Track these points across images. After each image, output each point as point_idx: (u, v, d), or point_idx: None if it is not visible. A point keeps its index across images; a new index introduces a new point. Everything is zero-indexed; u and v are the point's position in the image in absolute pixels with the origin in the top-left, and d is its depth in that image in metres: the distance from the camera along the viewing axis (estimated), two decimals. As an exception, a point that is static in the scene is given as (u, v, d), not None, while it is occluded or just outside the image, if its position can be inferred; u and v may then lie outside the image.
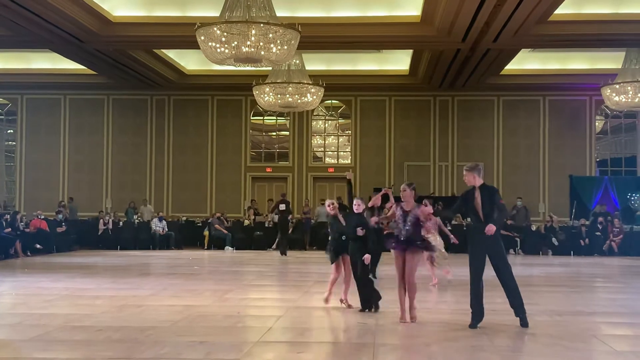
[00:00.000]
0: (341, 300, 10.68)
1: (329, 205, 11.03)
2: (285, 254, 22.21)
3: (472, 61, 23.11)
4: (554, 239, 24.31)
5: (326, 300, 10.76)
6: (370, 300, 10.28)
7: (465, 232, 19.28)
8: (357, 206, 10.59)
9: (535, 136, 28.31)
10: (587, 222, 24.87)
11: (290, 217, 24.46)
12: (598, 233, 24.35)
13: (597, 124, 28.74)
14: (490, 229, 8.93)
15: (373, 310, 10.24)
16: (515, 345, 8.02)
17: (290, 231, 24.71)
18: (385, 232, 11.35)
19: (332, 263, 10.77)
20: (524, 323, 9.06)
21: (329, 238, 10.94)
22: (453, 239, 14.87)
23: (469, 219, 14.02)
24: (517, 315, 9.14)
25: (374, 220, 10.93)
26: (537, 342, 8.35)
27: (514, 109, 28.37)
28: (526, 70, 25.84)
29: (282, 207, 23.81)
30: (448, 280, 13.94)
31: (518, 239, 24.44)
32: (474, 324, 9.03)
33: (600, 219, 24.77)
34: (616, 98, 22.23)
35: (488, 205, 9.12)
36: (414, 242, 9.50)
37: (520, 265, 20.00)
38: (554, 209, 27.15)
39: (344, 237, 10.49)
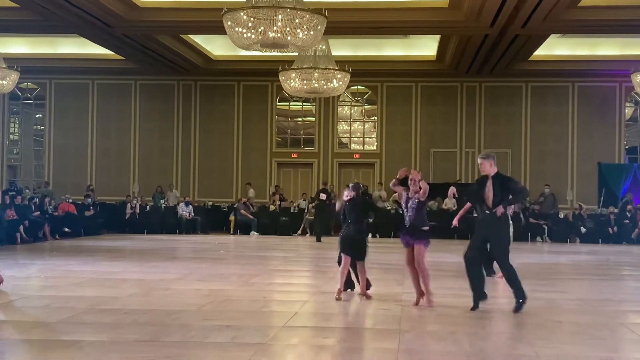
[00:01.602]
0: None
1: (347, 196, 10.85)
2: (320, 240, 22.46)
3: (500, 47, 22.89)
4: (582, 227, 24.11)
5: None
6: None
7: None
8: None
9: (563, 123, 28.02)
10: (616, 210, 24.62)
11: (329, 205, 24.60)
12: (627, 221, 24.10)
13: (626, 110, 28.38)
14: (499, 209, 9.00)
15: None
16: (542, 333, 7.96)
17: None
18: None
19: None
20: (517, 309, 9.08)
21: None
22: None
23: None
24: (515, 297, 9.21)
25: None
26: (564, 329, 8.30)
27: (543, 96, 28.08)
28: (555, 56, 25.54)
29: (323, 196, 23.96)
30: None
31: (545, 227, 24.27)
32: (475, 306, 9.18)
33: (629, 206, 24.52)
34: (647, 84, 21.94)
35: (499, 195, 9.07)
36: (418, 228, 9.51)
37: (548, 253, 19.89)
38: (582, 196, 26.92)
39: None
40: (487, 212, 9.14)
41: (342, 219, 10.46)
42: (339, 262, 10.60)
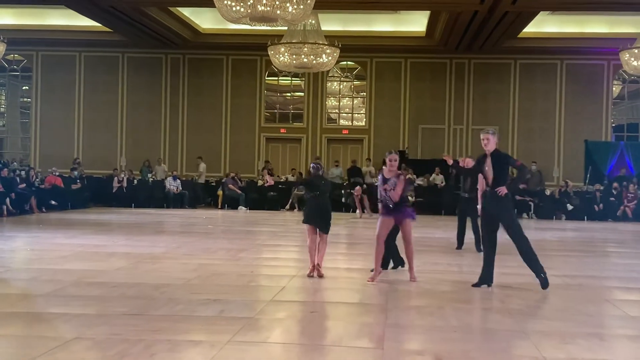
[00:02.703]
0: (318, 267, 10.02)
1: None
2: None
3: (489, 23, 22.85)
4: (568, 204, 24.24)
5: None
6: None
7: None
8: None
9: (551, 100, 28.08)
10: (602, 187, 24.76)
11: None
12: (612, 198, 24.25)
13: (614, 88, 28.47)
14: (502, 190, 8.91)
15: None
16: (528, 309, 8.03)
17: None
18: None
19: None
20: (543, 284, 9.01)
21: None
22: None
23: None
24: (536, 276, 9.11)
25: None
26: (549, 305, 8.36)
27: (531, 73, 28.10)
28: (544, 33, 25.53)
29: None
30: None
31: (532, 203, 24.39)
32: (478, 284, 9.18)
33: (615, 184, 24.65)
34: (634, 62, 21.98)
35: (498, 172, 9.02)
36: (402, 205, 9.53)
37: (534, 230, 19.96)
38: (569, 173, 27.05)
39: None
40: (487, 187, 9.13)
41: (310, 190, 10.11)
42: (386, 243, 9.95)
